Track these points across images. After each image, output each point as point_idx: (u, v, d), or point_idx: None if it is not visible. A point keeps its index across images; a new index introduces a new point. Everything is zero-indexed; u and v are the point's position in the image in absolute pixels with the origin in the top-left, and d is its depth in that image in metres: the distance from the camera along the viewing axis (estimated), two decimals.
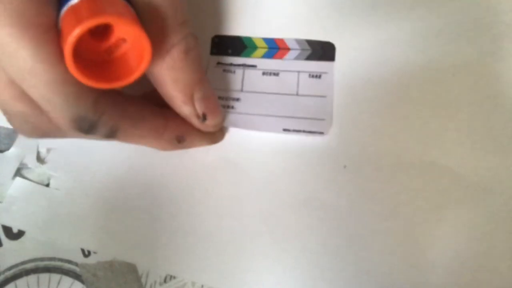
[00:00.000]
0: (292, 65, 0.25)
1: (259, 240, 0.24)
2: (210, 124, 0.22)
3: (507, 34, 0.26)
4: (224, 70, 0.25)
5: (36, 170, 0.25)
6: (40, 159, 0.25)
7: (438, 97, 0.25)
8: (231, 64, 0.25)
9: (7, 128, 0.26)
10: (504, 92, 0.25)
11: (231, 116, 0.24)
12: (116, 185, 0.24)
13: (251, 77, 0.25)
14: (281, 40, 0.25)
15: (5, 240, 0.24)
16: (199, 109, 0.21)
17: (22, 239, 0.24)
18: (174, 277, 0.24)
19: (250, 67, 0.25)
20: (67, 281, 0.24)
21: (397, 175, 0.24)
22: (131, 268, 0.24)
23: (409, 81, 0.25)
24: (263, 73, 0.25)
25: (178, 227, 0.24)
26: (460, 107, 0.25)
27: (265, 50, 0.25)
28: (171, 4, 0.18)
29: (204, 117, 0.22)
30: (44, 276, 0.23)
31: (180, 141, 0.23)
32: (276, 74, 0.25)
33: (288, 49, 0.25)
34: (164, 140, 0.22)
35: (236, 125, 0.24)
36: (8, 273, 0.23)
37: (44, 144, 0.25)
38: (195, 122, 0.22)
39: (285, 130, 0.24)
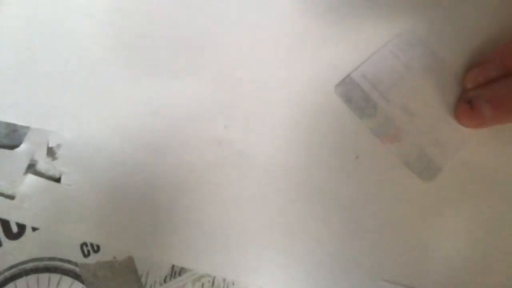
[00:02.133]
0: None
1: (271, 231, 0.24)
2: None
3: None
4: None
5: (47, 166, 0.25)
6: (51, 155, 0.25)
7: None
8: None
9: (5, 123, 0.25)
10: None
11: None
12: (127, 181, 0.24)
13: None
14: None
15: (4, 240, 0.24)
16: None
17: (22, 239, 0.24)
18: (174, 277, 0.24)
19: None
20: (67, 281, 0.24)
21: None
22: (131, 268, 0.24)
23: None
24: None
25: (189, 219, 0.24)
26: None
27: None
28: None
29: None
30: (43, 276, 0.23)
31: None
32: None
33: None
34: None
35: None
36: (8, 273, 0.23)
37: (54, 140, 0.25)
38: None
39: None
